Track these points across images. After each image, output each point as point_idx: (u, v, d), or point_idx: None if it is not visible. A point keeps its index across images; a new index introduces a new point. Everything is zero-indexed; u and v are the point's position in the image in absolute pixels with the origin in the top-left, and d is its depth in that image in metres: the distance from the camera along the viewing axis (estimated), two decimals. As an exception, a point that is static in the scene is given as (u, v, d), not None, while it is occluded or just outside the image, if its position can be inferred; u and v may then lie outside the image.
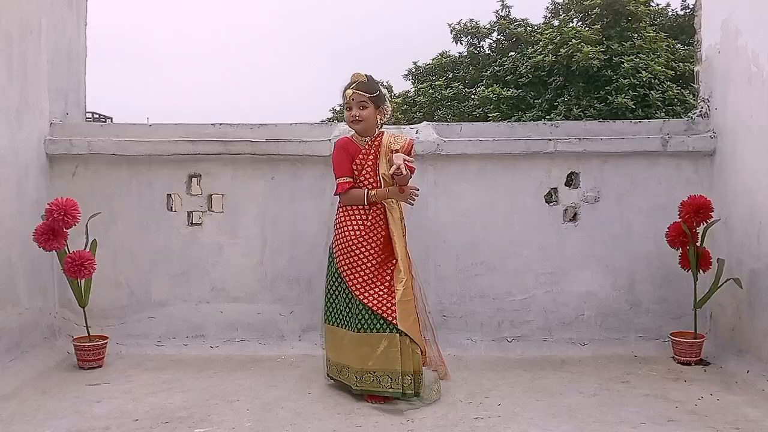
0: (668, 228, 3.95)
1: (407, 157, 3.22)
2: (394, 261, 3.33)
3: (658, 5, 18.31)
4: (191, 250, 4.28)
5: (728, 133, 4.08)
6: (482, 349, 4.15)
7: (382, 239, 3.33)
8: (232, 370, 3.81)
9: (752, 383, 3.50)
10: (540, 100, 16.18)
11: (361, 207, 3.35)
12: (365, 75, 3.38)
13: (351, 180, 3.37)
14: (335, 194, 3.44)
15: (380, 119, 3.41)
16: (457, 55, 18.99)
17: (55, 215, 3.66)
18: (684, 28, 17.14)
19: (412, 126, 4.32)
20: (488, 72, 17.38)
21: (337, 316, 3.38)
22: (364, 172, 3.36)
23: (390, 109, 3.49)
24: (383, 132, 3.46)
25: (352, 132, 3.49)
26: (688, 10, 17.31)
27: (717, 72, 4.22)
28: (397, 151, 3.32)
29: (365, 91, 3.33)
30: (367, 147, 3.39)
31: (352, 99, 3.34)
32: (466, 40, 18.52)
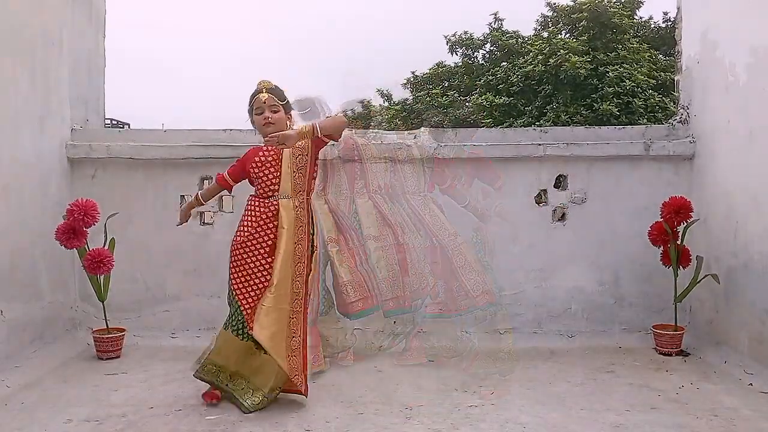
0: (650, 227, 3.94)
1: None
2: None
3: (641, 18, 18.25)
4: (203, 248, 4.27)
5: (707, 138, 4.07)
6: (476, 340, 4.13)
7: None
8: (242, 360, 3.80)
9: (729, 373, 3.50)
10: (530, 108, 16.15)
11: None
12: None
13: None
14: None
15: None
16: (453, 65, 18.94)
17: (75, 215, 3.66)
18: (666, 40, 17.09)
19: (411, 132, 4.30)
20: (482, 81, 17.34)
21: None
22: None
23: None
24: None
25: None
26: (669, 23, 17.26)
27: (696, 81, 4.21)
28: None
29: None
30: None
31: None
32: (461, 51, 18.46)
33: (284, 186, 3.07)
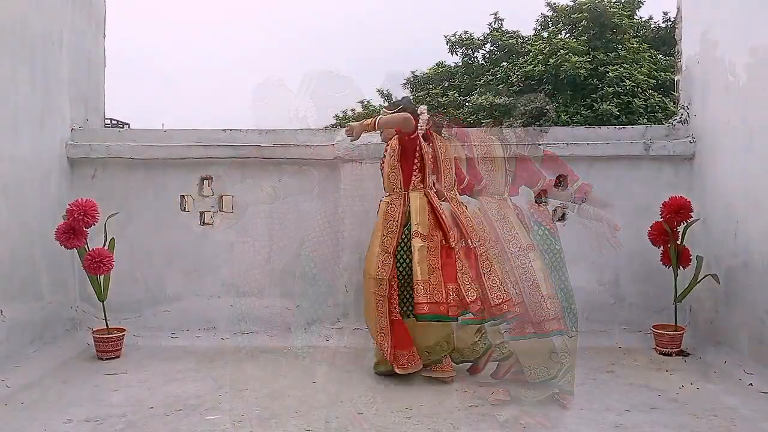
0: (650, 227, 3.94)
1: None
2: None
3: (641, 18, 18.25)
4: (203, 248, 4.27)
5: (707, 138, 4.07)
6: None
7: None
8: (242, 360, 3.81)
9: (729, 373, 3.50)
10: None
11: None
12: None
13: None
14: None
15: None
16: (453, 65, 18.95)
17: (75, 215, 3.66)
18: (665, 40, 17.08)
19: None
20: (482, 81, 17.33)
21: None
22: None
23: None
24: None
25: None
26: (669, 23, 17.25)
27: (696, 81, 4.21)
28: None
29: None
30: None
31: None
32: (461, 50, 18.46)
33: (385, 183, 3.54)
